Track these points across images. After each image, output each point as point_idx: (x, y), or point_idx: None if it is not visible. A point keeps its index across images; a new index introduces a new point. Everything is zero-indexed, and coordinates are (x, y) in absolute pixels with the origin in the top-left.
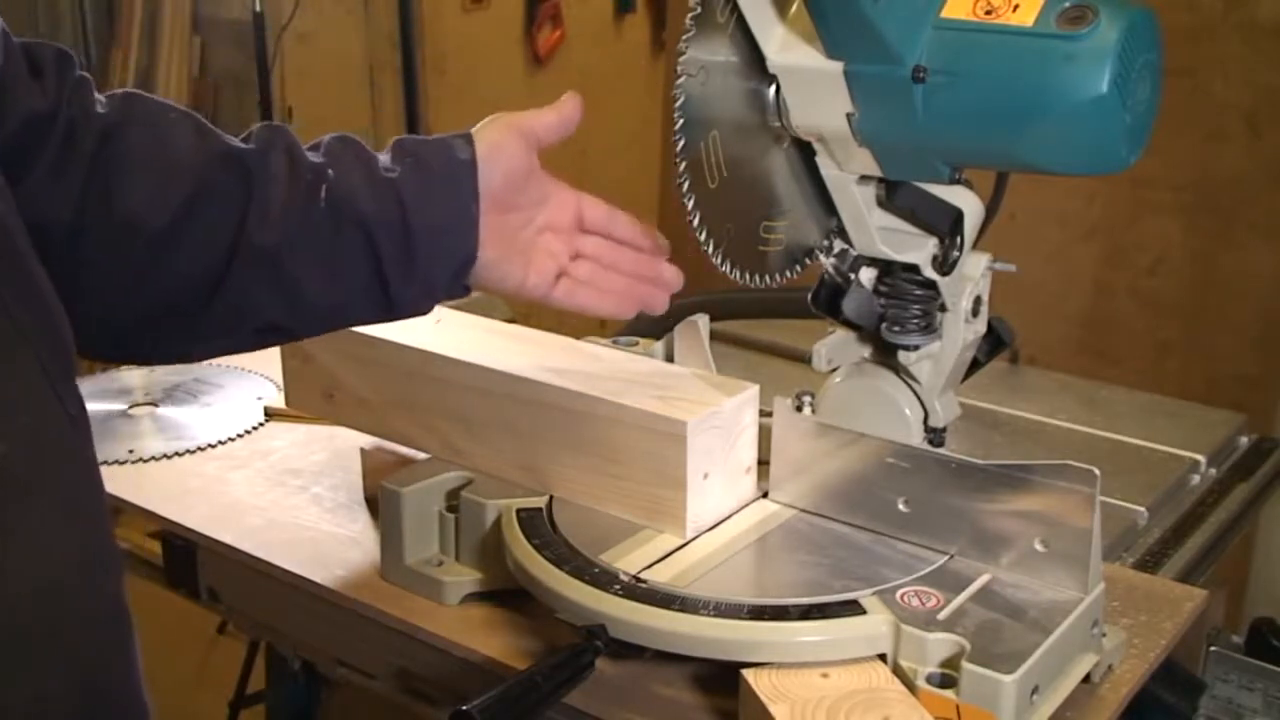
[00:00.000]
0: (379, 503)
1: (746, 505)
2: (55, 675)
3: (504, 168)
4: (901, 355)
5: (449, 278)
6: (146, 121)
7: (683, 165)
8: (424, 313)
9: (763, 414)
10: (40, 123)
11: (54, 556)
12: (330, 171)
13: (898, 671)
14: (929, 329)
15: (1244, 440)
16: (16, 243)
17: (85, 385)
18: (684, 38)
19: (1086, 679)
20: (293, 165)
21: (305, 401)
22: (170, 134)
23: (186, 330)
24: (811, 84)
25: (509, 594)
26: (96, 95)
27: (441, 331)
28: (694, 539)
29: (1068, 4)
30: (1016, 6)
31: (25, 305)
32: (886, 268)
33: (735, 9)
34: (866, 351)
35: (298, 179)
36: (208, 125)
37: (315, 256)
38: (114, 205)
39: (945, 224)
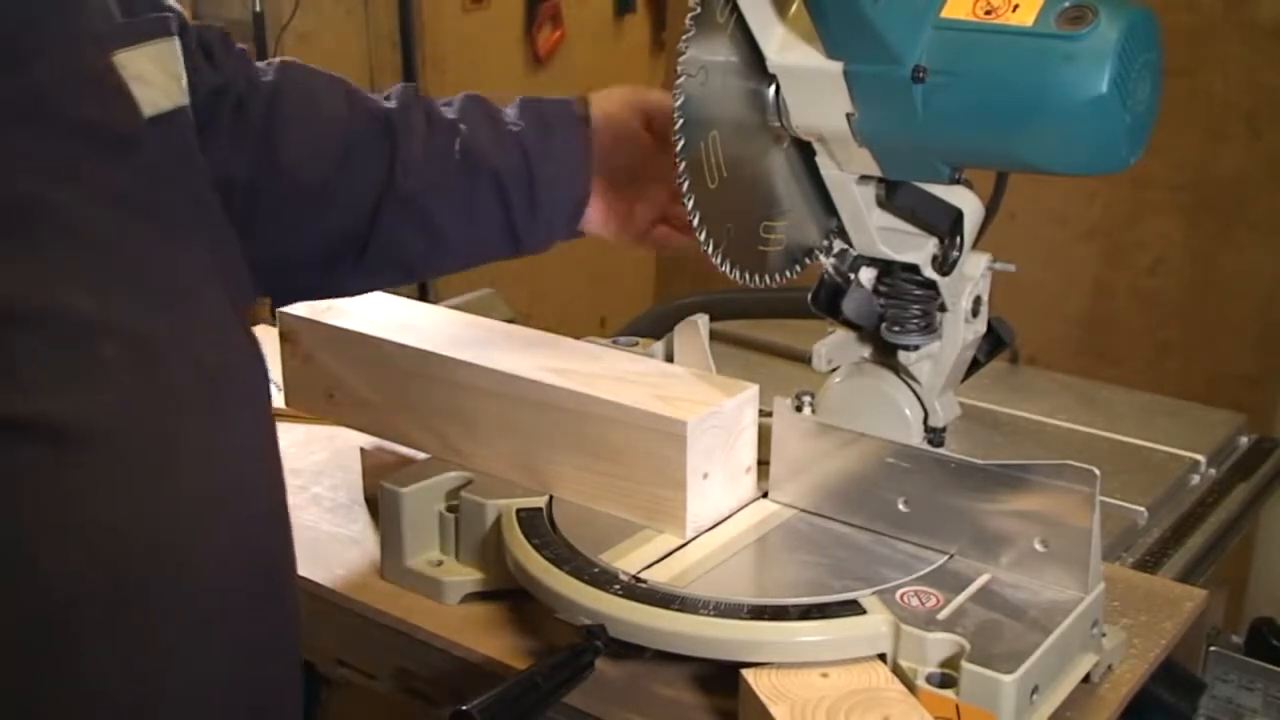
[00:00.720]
0: (379, 503)
1: (746, 505)
2: (240, 553)
3: (613, 130)
4: (901, 355)
5: (565, 220)
6: (302, 87)
7: (682, 165)
8: (544, 249)
9: (763, 414)
10: (217, 96)
11: (262, 446)
12: (463, 126)
13: (897, 671)
14: (929, 329)
15: (1244, 440)
16: (210, 199)
17: None
18: (684, 38)
19: (1086, 679)
20: (429, 121)
21: (305, 401)
22: (322, 97)
23: (345, 270)
24: (811, 84)
25: (509, 594)
26: (256, 64)
27: (441, 331)
28: (694, 539)
29: (1067, 4)
30: (1016, 6)
31: (220, 251)
32: (886, 268)
33: (735, 9)
34: (866, 351)
35: (434, 134)
36: (354, 86)
37: (454, 203)
38: (280, 163)
39: (945, 224)
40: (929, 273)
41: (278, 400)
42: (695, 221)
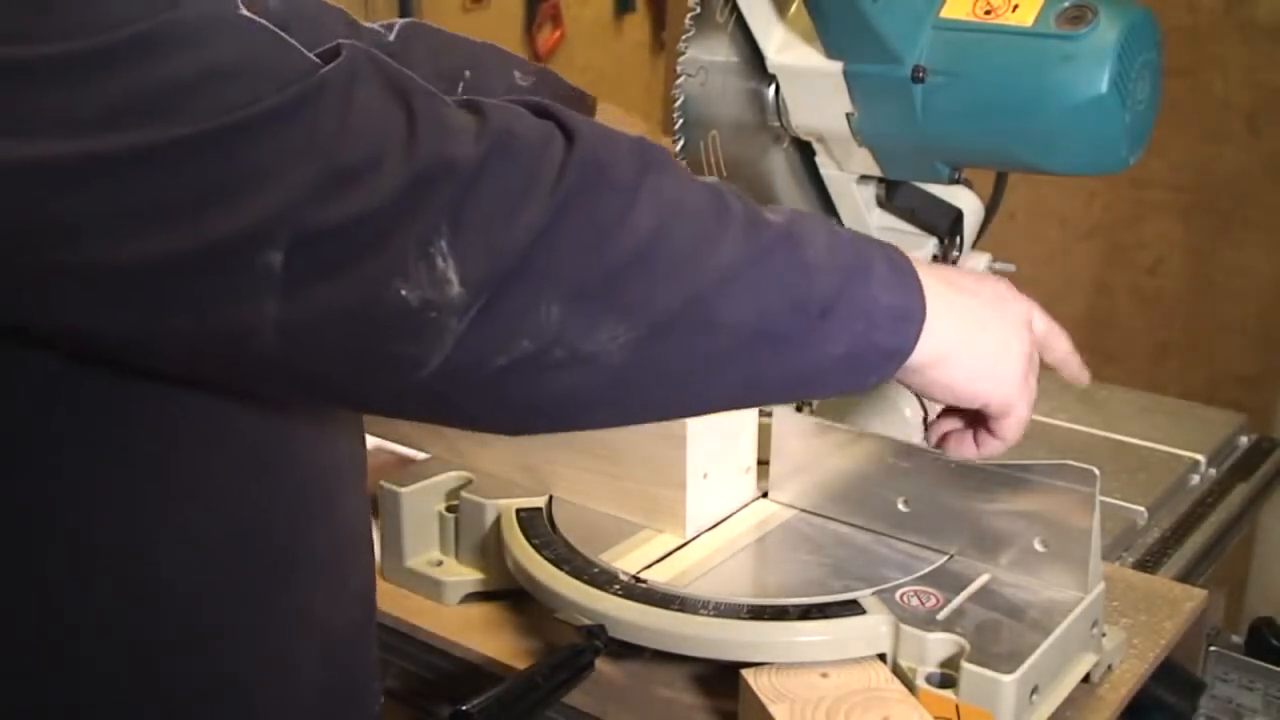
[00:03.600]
0: (379, 503)
1: (746, 505)
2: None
3: None
4: None
5: None
6: (309, 20)
7: (683, 165)
8: None
9: (762, 414)
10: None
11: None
12: (468, 72)
13: (897, 671)
14: None
15: (1244, 440)
16: None
17: None
18: (684, 38)
19: (1086, 679)
20: (436, 62)
21: None
22: (326, 22)
23: None
24: (811, 84)
25: (509, 594)
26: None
27: None
28: (694, 539)
29: (1067, 4)
30: (1016, 6)
31: None
32: None
33: (735, 9)
34: None
35: (439, 74)
36: (353, 19)
37: None
38: None
39: (945, 224)
40: None
41: None
42: None
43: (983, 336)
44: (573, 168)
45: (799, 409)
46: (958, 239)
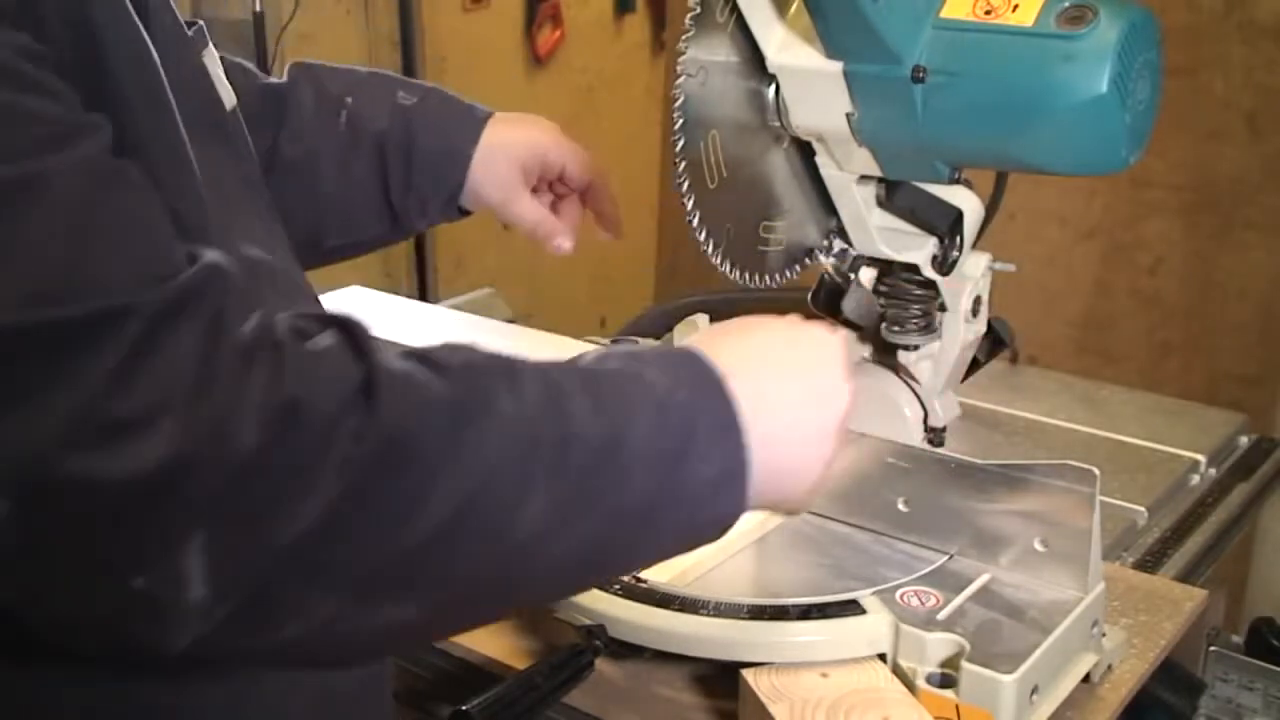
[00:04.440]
0: None
1: None
2: None
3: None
4: (901, 355)
5: (441, 203)
6: (310, 72)
7: (682, 165)
8: (420, 226)
9: None
10: None
11: None
12: (349, 99)
13: (897, 671)
14: (929, 329)
15: (1244, 440)
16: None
17: None
18: (684, 38)
19: (1086, 679)
20: (318, 96)
21: None
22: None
23: None
24: (811, 84)
25: None
26: None
27: (441, 332)
28: None
29: (1067, 4)
30: (1016, 6)
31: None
32: (886, 268)
33: (735, 9)
34: (866, 351)
35: (322, 105)
36: (251, 67)
37: (333, 163)
38: None
39: (945, 224)
40: (929, 273)
41: None
42: (695, 222)
43: (804, 447)
44: (369, 443)
45: None
46: (958, 239)
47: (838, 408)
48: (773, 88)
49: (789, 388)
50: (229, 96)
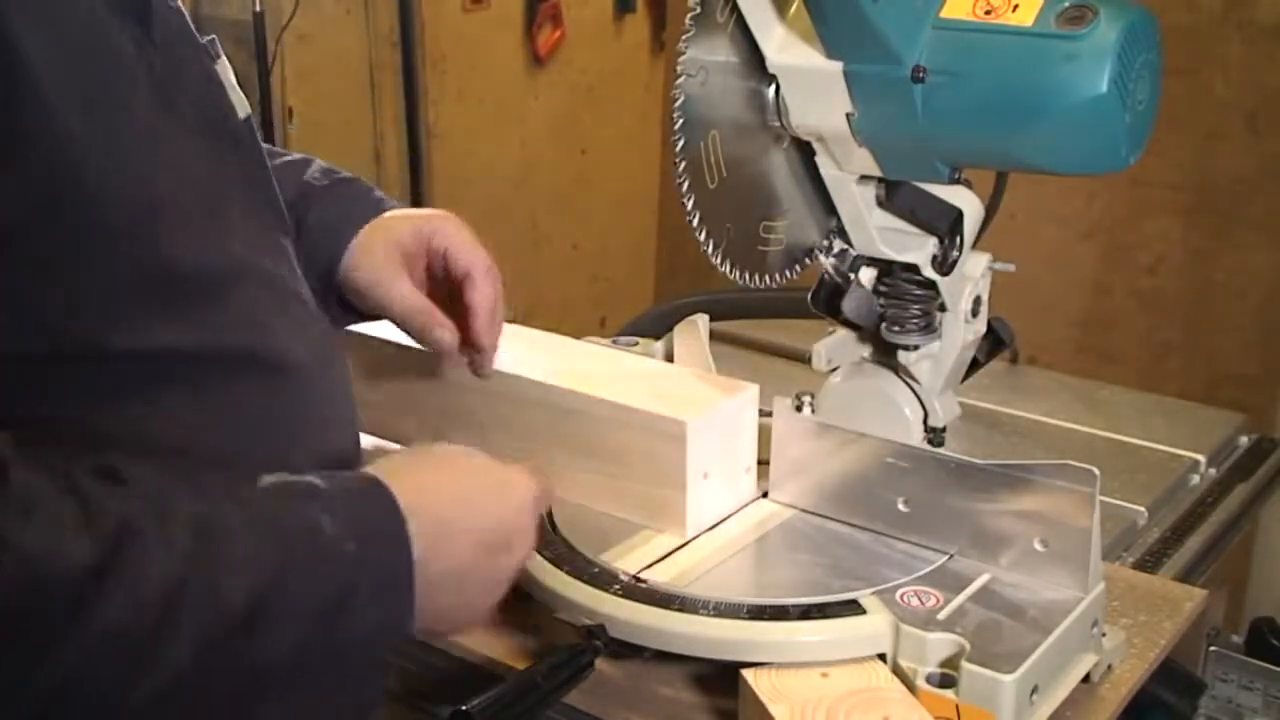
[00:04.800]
0: None
1: (746, 505)
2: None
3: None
4: (901, 355)
5: (314, 278)
6: None
7: (682, 165)
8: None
9: (763, 414)
10: None
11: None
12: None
13: (897, 671)
14: (929, 329)
15: (1244, 440)
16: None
17: None
18: (684, 38)
19: (1086, 679)
20: None
21: None
22: None
23: None
24: (811, 84)
25: (509, 594)
26: None
27: None
28: (694, 539)
29: (1067, 4)
30: (1016, 6)
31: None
32: (886, 268)
33: (735, 9)
34: (866, 351)
35: None
36: None
37: None
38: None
39: (945, 224)
40: (929, 273)
41: None
42: (695, 221)
43: (476, 593)
44: None
45: (799, 409)
46: (958, 239)
47: (518, 556)
48: (773, 88)
49: (474, 528)
50: (243, 106)
